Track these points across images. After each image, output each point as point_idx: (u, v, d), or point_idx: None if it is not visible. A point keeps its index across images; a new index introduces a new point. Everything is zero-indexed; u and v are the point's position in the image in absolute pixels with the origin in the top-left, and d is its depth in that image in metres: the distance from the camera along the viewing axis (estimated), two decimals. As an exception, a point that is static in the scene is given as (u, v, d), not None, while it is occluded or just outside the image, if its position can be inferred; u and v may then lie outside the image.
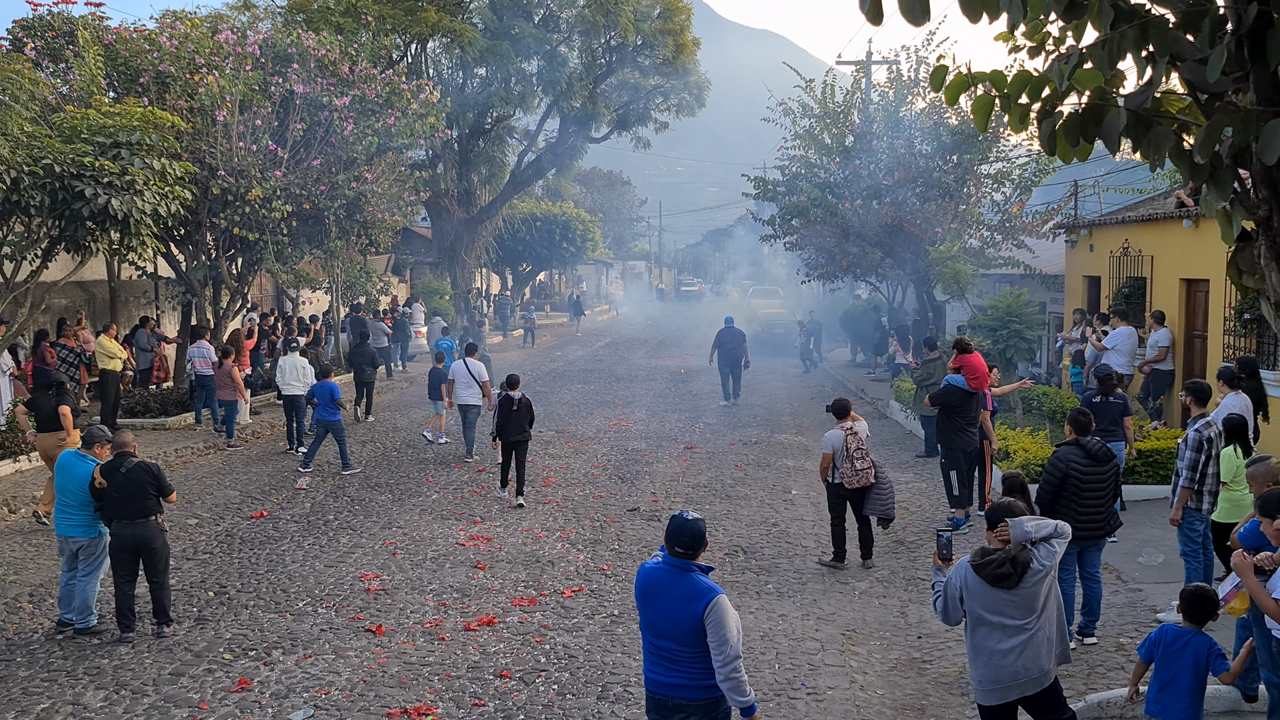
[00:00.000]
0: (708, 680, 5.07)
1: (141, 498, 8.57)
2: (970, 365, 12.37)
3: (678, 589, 5.09)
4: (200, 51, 19.28)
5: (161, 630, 8.76)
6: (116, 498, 8.53)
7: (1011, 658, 5.56)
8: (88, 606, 8.84)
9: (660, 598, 5.14)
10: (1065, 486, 8.07)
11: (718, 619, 4.96)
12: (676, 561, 5.14)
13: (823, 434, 11.90)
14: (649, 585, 5.20)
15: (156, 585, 8.77)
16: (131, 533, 8.57)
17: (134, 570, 8.70)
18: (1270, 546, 5.98)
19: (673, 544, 5.15)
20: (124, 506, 8.54)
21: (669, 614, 5.09)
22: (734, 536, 11.63)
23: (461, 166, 39.72)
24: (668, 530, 5.20)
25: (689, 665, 5.08)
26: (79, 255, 16.16)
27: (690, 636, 5.03)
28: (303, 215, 19.87)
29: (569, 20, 38.42)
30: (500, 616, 9.22)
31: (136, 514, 8.56)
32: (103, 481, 8.59)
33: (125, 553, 8.62)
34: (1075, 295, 21.12)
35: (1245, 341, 14.42)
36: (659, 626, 5.14)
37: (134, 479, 8.56)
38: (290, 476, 15.14)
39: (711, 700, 5.11)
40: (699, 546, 5.15)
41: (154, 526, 8.68)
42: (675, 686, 5.13)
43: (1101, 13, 3.40)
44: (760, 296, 51.72)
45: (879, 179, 22.15)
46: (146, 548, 8.64)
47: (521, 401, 13.60)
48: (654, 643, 5.19)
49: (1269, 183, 3.38)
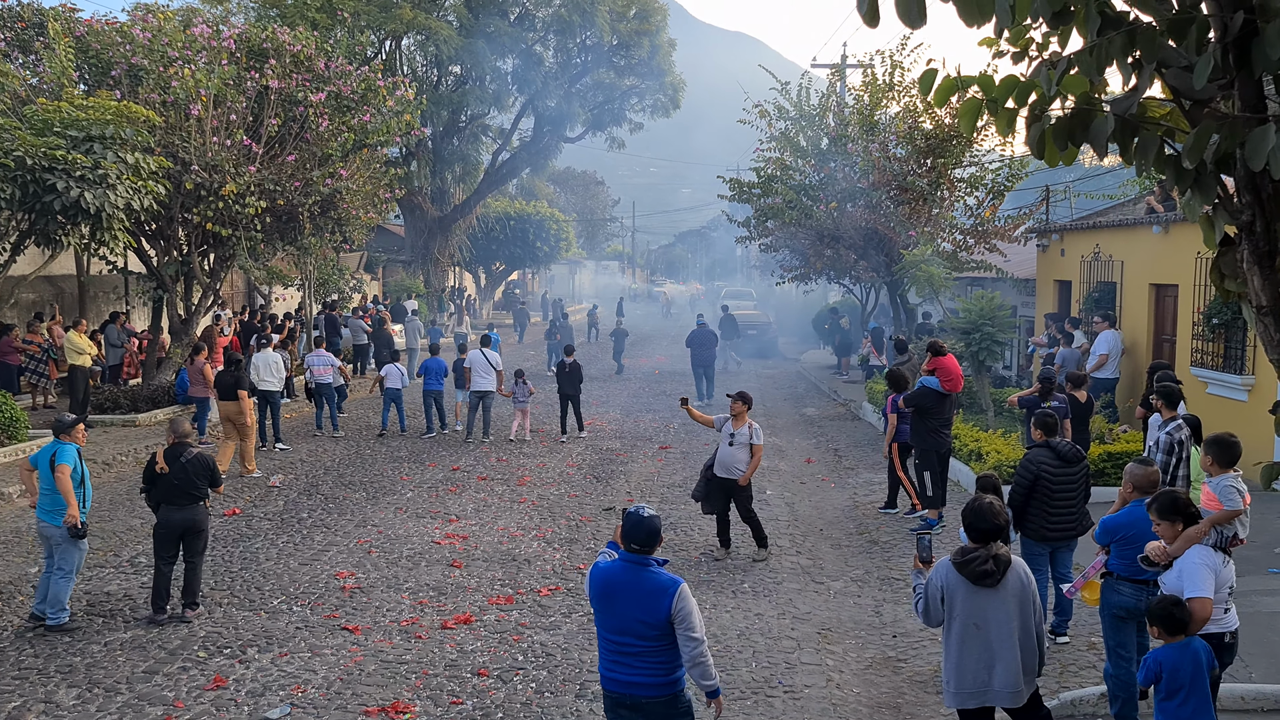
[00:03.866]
0: (667, 676, 5.12)
1: (197, 486, 9.00)
2: (943, 367, 12.48)
3: (639, 585, 5.12)
4: (174, 45, 19.09)
5: (186, 613, 9.02)
6: (175, 484, 8.91)
7: (983, 667, 5.52)
8: (59, 602, 8.77)
9: (621, 595, 5.15)
10: (1037, 488, 8.17)
11: (685, 608, 5.04)
12: (634, 558, 5.17)
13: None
14: (607, 584, 5.21)
15: (192, 566, 9.13)
16: (182, 516, 8.97)
17: (175, 552, 9.05)
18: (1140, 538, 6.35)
19: (629, 540, 5.18)
20: (178, 493, 8.93)
21: (633, 610, 5.10)
22: (710, 536, 11.66)
23: (436, 164, 39.62)
24: (624, 527, 5.22)
25: (649, 660, 5.10)
26: (49, 249, 15.97)
27: (656, 631, 5.06)
28: (276, 211, 19.72)
29: (544, 19, 38.39)
30: (477, 615, 9.20)
31: (189, 500, 8.98)
32: (164, 466, 8.91)
33: (172, 536, 8.99)
34: (1047, 299, 21.36)
35: (1213, 346, 14.63)
36: (621, 624, 5.14)
37: (193, 469, 8.98)
38: (263, 473, 15.03)
39: (670, 696, 5.16)
40: (655, 542, 5.19)
41: (202, 510, 9.15)
42: (634, 685, 5.15)
43: (1088, 19, 3.45)
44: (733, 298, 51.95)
45: (854, 182, 22.28)
46: (196, 530, 9.07)
47: (573, 365, 18.16)
48: (615, 641, 5.19)
49: (1252, 188, 3.44)
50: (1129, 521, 6.67)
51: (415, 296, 35.92)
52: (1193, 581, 5.67)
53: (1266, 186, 3.44)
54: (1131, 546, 6.58)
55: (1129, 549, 6.61)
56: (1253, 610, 9.12)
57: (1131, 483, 6.81)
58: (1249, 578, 10.00)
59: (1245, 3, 3.18)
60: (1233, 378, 14.08)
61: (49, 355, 19.51)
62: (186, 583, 9.12)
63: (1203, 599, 5.61)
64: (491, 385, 17.91)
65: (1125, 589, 6.67)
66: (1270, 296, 3.51)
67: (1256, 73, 3.27)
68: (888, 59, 23.10)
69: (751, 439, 10.92)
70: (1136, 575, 6.60)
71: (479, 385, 17.84)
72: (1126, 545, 6.63)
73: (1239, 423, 13.80)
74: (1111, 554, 6.78)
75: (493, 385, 17.92)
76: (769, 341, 35.41)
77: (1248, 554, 10.74)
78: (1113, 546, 6.76)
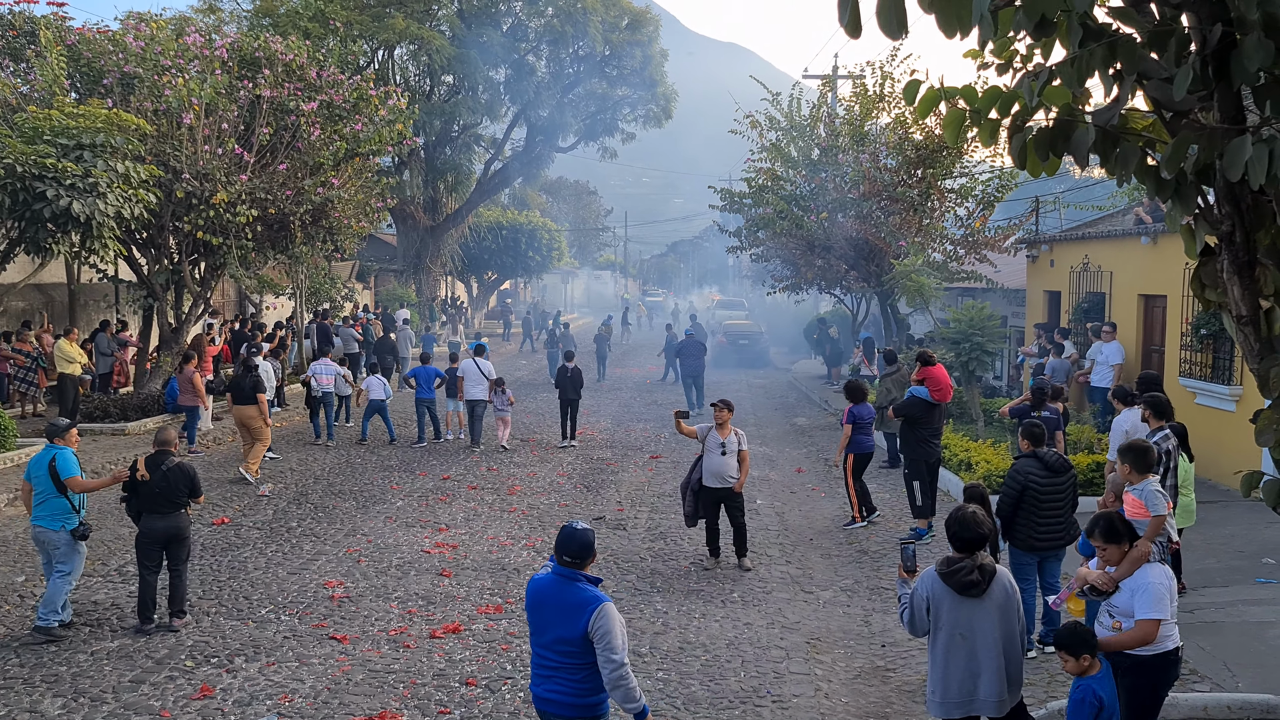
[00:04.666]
0: (582, 697, 5.06)
1: (177, 495, 8.97)
2: (933, 377, 12.50)
3: (564, 598, 5.07)
4: (166, 53, 19.09)
5: (173, 623, 8.99)
6: (156, 492, 8.86)
7: (969, 677, 5.52)
8: (52, 606, 8.75)
9: (547, 607, 5.12)
10: (1024, 498, 8.20)
11: (604, 627, 4.94)
12: (565, 571, 5.13)
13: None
14: (536, 596, 5.19)
15: (177, 574, 9.10)
16: (165, 525, 8.93)
17: (159, 561, 9.03)
18: None
19: (561, 553, 5.14)
20: (160, 501, 8.89)
21: (555, 624, 5.07)
22: (699, 545, 11.66)
23: (428, 174, 39.65)
24: (557, 540, 5.20)
25: (569, 676, 5.06)
26: (39, 257, 15.94)
27: (575, 648, 5.01)
28: (268, 220, 19.72)
29: (537, 29, 38.48)
30: (466, 624, 9.18)
31: (170, 509, 8.94)
32: (145, 474, 8.85)
33: (156, 544, 8.96)
34: (1036, 309, 21.43)
35: (1201, 356, 14.69)
36: (545, 637, 5.13)
37: (173, 478, 8.93)
38: (252, 482, 14.99)
39: (590, 718, 5.11)
40: (587, 556, 5.14)
41: (185, 518, 9.11)
42: (552, 702, 5.12)
43: (1070, 31, 3.48)
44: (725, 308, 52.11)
45: (844, 192, 22.36)
46: (178, 537, 9.02)
47: (574, 369, 18.29)
48: (540, 654, 5.18)
49: (1231, 199, 3.47)
50: None
51: (407, 305, 35.92)
52: (1149, 602, 5.57)
53: (1245, 197, 3.47)
54: None
55: None
56: (1240, 620, 9.16)
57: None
58: (1236, 587, 10.05)
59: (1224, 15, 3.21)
60: (1221, 388, 14.14)
61: (38, 364, 19.43)
62: (172, 591, 9.08)
63: (1154, 621, 5.55)
64: (483, 394, 18.03)
65: None
66: (1250, 306, 3.53)
67: (1235, 84, 3.30)
68: (878, 70, 23.21)
69: (740, 445, 11.03)
70: None
71: (470, 394, 17.97)
72: None
73: (1227, 433, 13.89)
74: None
75: (484, 394, 18.04)
76: (760, 351, 35.48)
77: (1235, 564, 10.79)
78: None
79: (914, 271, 19.68)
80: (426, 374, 18.47)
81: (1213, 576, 10.37)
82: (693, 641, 8.84)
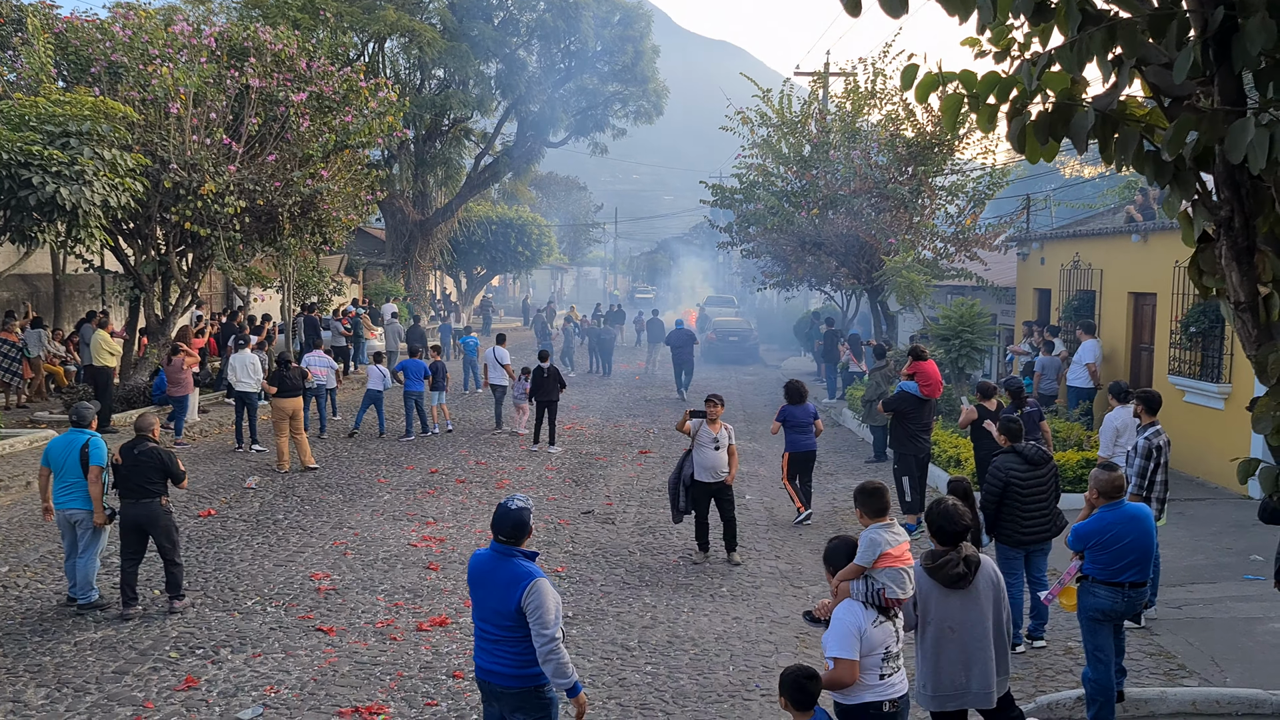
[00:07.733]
0: (523, 668, 5.18)
1: (148, 480, 8.91)
2: (924, 372, 12.49)
3: (500, 574, 5.22)
4: (154, 42, 18.94)
5: (174, 604, 9.08)
6: (125, 476, 8.91)
7: (960, 669, 5.51)
8: (88, 582, 9.08)
9: (484, 583, 5.28)
10: (1008, 494, 8.19)
11: (537, 601, 5.07)
12: (500, 548, 5.27)
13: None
14: (476, 571, 5.35)
15: (169, 564, 9.11)
16: (135, 512, 8.91)
17: (139, 549, 9.02)
18: None
19: (497, 531, 5.29)
20: (131, 487, 8.89)
21: (492, 598, 5.22)
22: (688, 540, 11.62)
23: (417, 167, 39.52)
24: (493, 518, 5.32)
25: (507, 649, 5.19)
26: (24, 246, 15.80)
27: (511, 620, 5.14)
28: (256, 211, 19.57)
29: (528, 24, 38.36)
30: (453, 617, 9.13)
31: (142, 494, 8.90)
32: (118, 458, 8.95)
33: (131, 531, 8.95)
34: (1026, 307, 21.46)
35: (1190, 354, 14.72)
36: (483, 612, 5.29)
37: (143, 462, 8.91)
38: (239, 475, 14.90)
39: (528, 689, 5.22)
40: (521, 534, 5.28)
41: (158, 506, 8.99)
42: (492, 673, 5.26)
43: (1069, 15, 3.45)
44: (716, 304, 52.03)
45: (835, 189, 22.34)
46: (151, 526, 8.97)
47: (550, 370, 17.49)
48: (480, 627, 5.33)
49: (1231, 184, 3.44)
50: (1100, 528, 6.77)
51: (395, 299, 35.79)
52: (832, 640, 5.17)
53: (1245, 182, 3.44)
54: (1105, 550, 6.70)
55: (1103, 553, 6.72)
56: (1228, 616, 9.17)
57: (1097, 489, 6.86)
58: (1224, 583, 10.07)
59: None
60: (1209, 386, 14.16)
61: (22, 354, 19.28)
62: (168, 579, 9.17)
63: (843, 660, 5.08)
64: (504, 380, 19.26)
65: (1101, 591, 6.72)
66: (1248, 292, 3.51)
67: (1236, 68, 3.27)
68: (870, 66, 23.17)
69: (730, 440, 11.20)
70: (1112, 578, 6.70)
71: (493, 379, 19.50)
72: (1100, 549, 6.73)
73: (1215, 430, 13.92)
74: (1085, 558, 6.84)
75: (505, 380, 19.23)
76: (750, 348, 35.45)
77: (1223, 560, 10.81)
78: (1086, 551, 6.82)
79: (904, 268, 19.67)
80: (415, 367, 18.39)
81: (1201, 573, 10.39)
82: (681, 635, 8.81)
